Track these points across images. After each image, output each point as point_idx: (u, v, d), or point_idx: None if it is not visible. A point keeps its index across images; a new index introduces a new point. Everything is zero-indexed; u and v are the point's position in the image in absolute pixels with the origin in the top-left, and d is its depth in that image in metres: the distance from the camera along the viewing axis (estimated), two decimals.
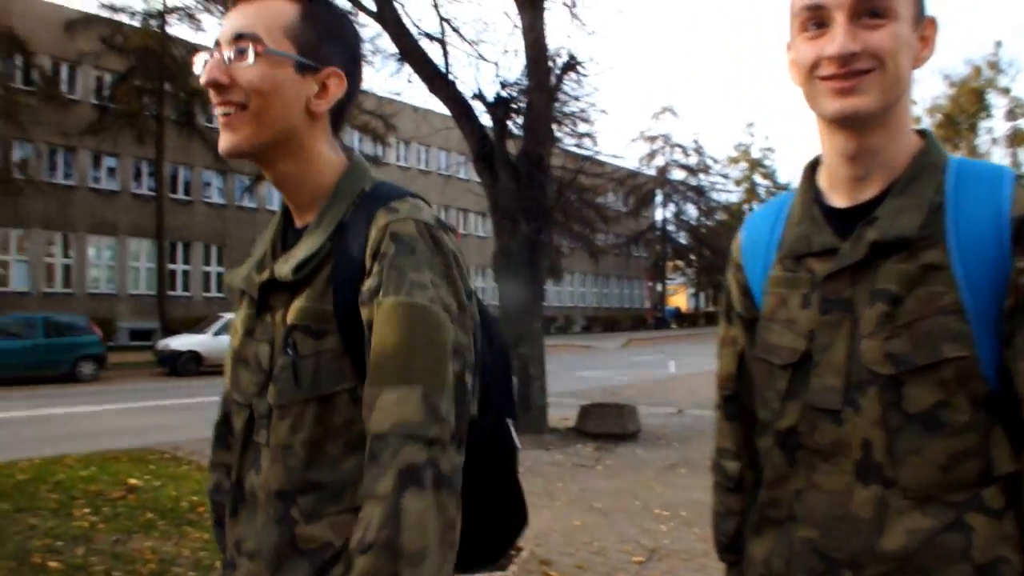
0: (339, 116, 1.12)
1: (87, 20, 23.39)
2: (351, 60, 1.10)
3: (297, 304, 1.03)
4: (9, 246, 23.61)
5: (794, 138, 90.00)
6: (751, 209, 53.84)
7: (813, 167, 1.13)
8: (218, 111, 1.03)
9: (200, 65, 1.04)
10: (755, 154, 52.12)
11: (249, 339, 1.10)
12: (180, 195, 27.45)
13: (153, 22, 24.15)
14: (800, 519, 1.04)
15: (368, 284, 0.98)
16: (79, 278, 25.00)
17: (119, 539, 4.58)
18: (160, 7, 24.15)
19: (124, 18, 23.95)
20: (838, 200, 1.07)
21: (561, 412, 9.90)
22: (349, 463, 1.00)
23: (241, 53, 1.01)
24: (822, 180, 1.10)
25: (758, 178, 52.31)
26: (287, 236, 1.13)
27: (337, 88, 1.07)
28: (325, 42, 1.06)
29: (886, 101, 0.98)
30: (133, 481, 6.06)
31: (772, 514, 1.09)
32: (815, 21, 1.00)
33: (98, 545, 4.46)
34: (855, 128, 1.01)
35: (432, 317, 0.95)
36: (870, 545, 0.97)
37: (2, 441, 8.57)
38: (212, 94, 1.03)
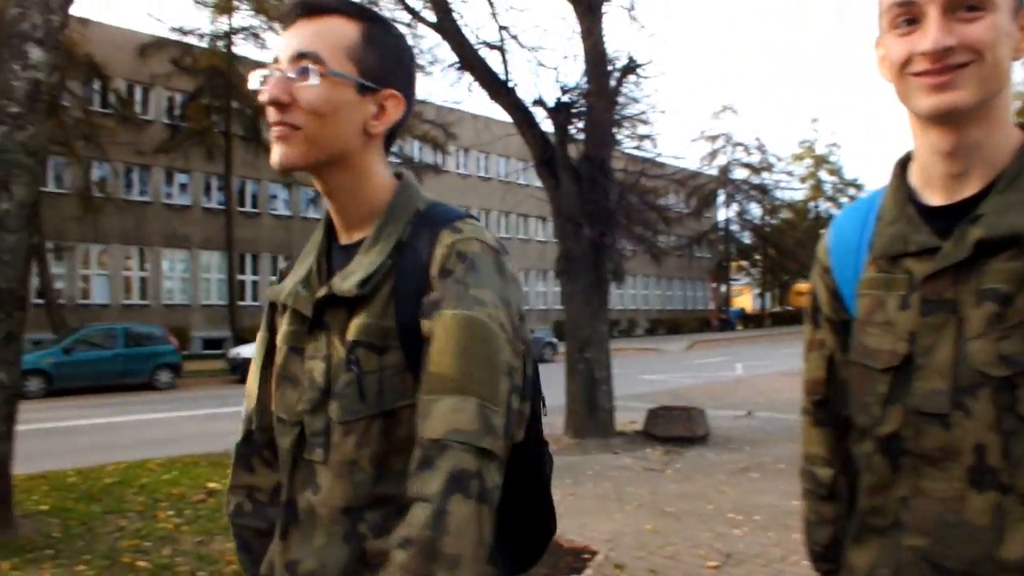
0: (392, 135, 1.13)
1: (159, 44, 24.37)
2: (408, 81, 1.11)
3: (359, 321, 1.03)
4: (90, 261, 24.73)
5: (861, 133, 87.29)
6: (817, 206, 52.40)
7: (903, 164, 1.10)
8: (274, 128, 1.04)
9: (257, 81, 1.04)
10: (820, 150, 50.89)
11: (295, 356, 1.10)
12: (248, 208, 28.29)
13: (220, 43, 24.98)
14: (907, 527, 1.01)
15: (430, 298, 1.00)
16: (155, 290, 25.98)
17: (202, 540, 4.75)
18: (226, 28, 24.97)
19: (193, 40, 24.85)
20: (934, 198, 1.03)
21: (627, 416, 9.83)
22: (396, 471, 1.03)
23: (304, 72, 1.01)
24: (914, 178, 1.07)
25: (824, 174, 51.02)
26: (331, 254, 1.13)
27: (395, 110, 1.08)
28: (385, 63, 1.07)
29: (984, 95, 0.95)
30: (212, 485, 6.27)
31: (874, 522, 1.06)
32: (906, 17, 0.97)
33: (182, 546, 4.63)
34: (952, 124, 0.98)
35: (490, 333, 0.97)
36: (988, 554, 0.93)
37: (89, 446, 8.96)
38: (271, 111, 1.03)
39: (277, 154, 1.04)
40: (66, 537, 4.80)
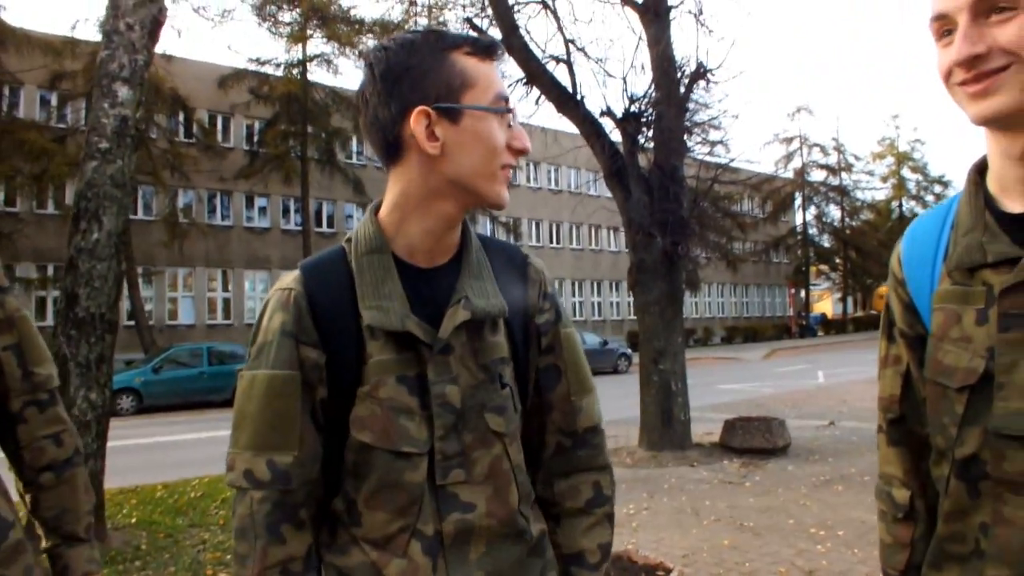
0: None
1: (237, 75, 25.28)
2: None
3: (495, 339, 1.14)
4: (177, 283, 25.85)
5: (947, 127, 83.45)
6: (900, 206, 50.27)
7: (980, 170, 1.04)
8: (511, 172, 1.12)
9: (501, 127, 1.08)
10: (902, 147, 48.92)
11: (401, 385, 1.08)
12: (324, 228, 29.05)
13: (295, 71, 25.79)
14: (989, 556, 0.94)
15: (546, 317, 1.22)
16: (237, 310, 26.92)
17: None
18: (300, 56, 25.77)
19: (269, 69, 25.72)
20: (1012, 205, 0.97)
21: (704, 427, 9.63)
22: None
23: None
24: (992, 184, 1.01)
25: (907, 172, 49.04)
26: (403, 276, 1.11)
27: None
28: None
29: None
30: None
31: (953, 549, 1.00)
32: (944, 30, 0.95)
33: None
34: (1010, 129, 0.93)
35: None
36: None
37: (175, 461, 9.31)
38: (512, 157, 1.10)
39: (506, 194, 1.12)
40: (153, 549, 5.00)
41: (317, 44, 25.80)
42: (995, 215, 0.98)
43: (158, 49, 5.77)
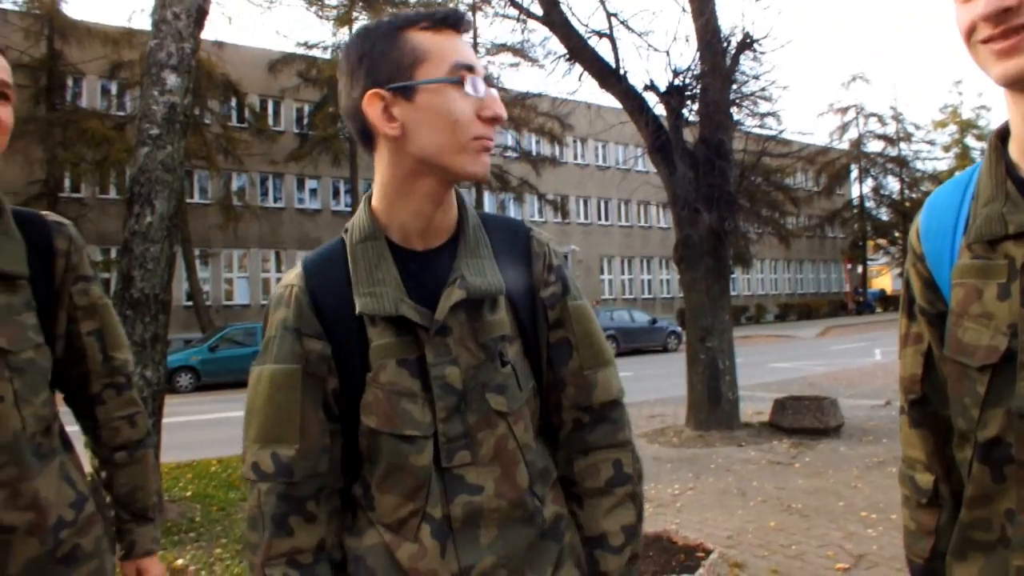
0: None
1: (286, 59, 25.65)
2: None
3: (495, 317, 1.12)
4: (232, 265, 26.49)
5: None
6: None
7: (1002, 136, 0.98)
8: (488, 143, 1.07)
9: (474, 88, 1.04)
10: (966, 114, 46.97)
11: (402, 368, 1.07)
12: None
13: (341, 53, 25.98)
14: (1015, 544, 0.90)
15: (551, 290, 1.19)
16: None
17: None
18: (347, 39, 25.91)
19: (317, 52, 25.99)
20: None
21: (754, 406, 9.50)
22: (539, 446, 1.18)
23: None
24: (1014, 151, 0.95)
25: (971, 141, 47.13)
26: (399, 261, 1.10)
27: None
28: None
29: None
30: None
31: (977, 536, 0.96)
32: None
33: None
34: None
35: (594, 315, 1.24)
36: None
37: (229, 437, 9.52)
38: (486, 127, 1.06)
39: (479, 167, 1.07)
40: (206, 521, 5.17)
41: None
42: (1017, 184, 0.93)
43: (209, 36, 5.88)
